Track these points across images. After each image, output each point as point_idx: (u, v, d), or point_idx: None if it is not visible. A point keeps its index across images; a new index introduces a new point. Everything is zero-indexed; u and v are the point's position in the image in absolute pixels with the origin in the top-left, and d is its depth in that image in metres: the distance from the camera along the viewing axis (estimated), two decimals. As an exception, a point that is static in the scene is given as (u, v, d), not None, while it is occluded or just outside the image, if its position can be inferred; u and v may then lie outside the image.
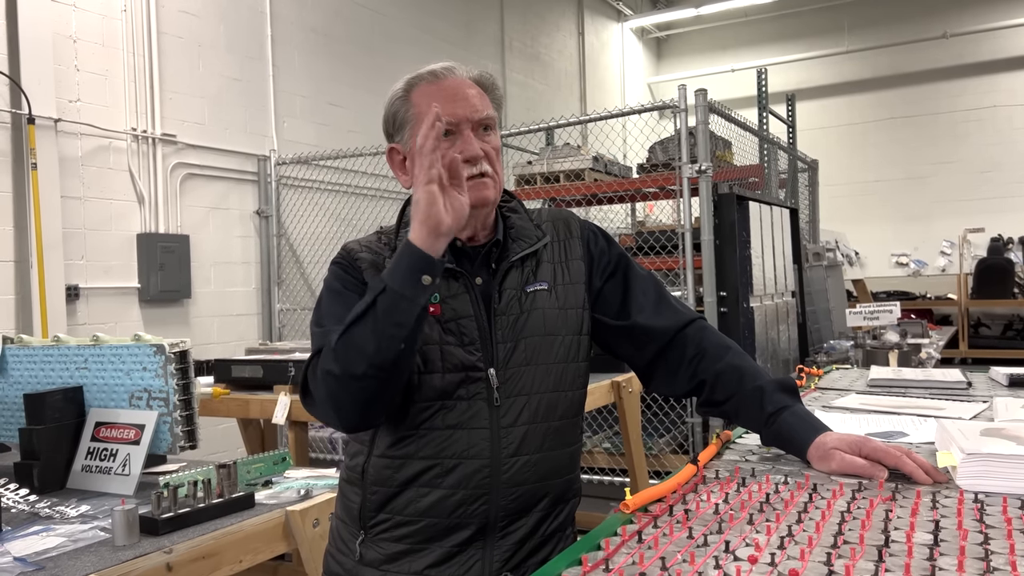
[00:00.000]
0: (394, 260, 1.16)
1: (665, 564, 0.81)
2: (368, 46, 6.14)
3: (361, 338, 1.14)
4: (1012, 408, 1.53)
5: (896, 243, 9.86)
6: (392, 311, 1.13)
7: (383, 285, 1.13)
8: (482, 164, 1.28)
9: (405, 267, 1.13)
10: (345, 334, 1.15)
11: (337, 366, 1.15)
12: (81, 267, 4.12)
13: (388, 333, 1.13)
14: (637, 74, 10.88)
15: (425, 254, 1.12)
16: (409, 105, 1.32)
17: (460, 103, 1.29)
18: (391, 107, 1.35)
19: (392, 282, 1.13)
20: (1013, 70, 9.40)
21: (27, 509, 1.68)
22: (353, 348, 1.14)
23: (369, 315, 1.14)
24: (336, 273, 1.34)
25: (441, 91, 1.30)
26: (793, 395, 1.30)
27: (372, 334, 1.13)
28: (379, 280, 1.16)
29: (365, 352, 1.14)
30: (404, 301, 1.12)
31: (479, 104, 1.30)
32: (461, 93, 1.30)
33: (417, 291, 1.12)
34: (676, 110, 3.96)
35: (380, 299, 1.13)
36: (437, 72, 1.32)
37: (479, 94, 1.32)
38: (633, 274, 1.43)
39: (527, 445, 1.27)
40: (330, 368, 1.16)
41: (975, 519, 0.93)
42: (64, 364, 2.00)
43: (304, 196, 5.34)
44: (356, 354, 1.14)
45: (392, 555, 1.28)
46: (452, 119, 1.27)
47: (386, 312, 1.12)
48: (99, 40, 4.25)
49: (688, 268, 3.93)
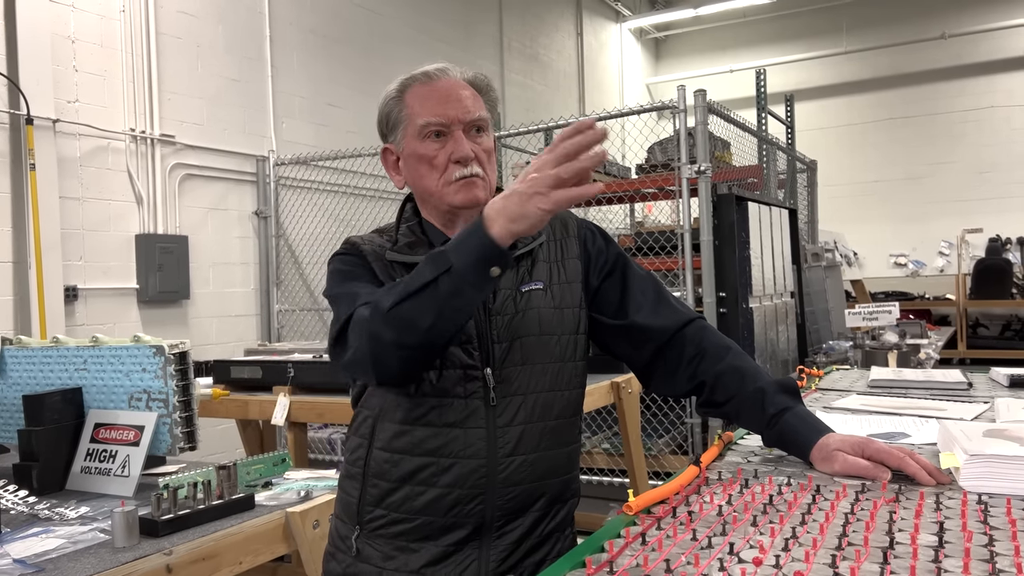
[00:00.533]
0: (463, 239, 1.09)
1: (669, 566, 0.81)
2: (366, 47, 6.13)
3: (419, 312, 1.11)
4: (1014, 409, 1.53)
5: (894, 243, 9.87)
6: (456, 295, 1.09)
7: (449, 264, 1.08)
8: (473, 166, 1.29)
9: (477, 254, 1.07)
10: (401, 304, 1.12)
11: (390, 332, 1.13)
12: (79, 268, 4.11)
13: (448, 314, 1.11)
14: (636, 75, 10.88)
15: (499, 246, 1.06)
16: (403, 106, 1.33)
17: (452, 104, 1.29)
18: (385, 107, 1.36)
19: (460, 265, 1.08)
20: (1011, 71, 9.42)
21: (26, 511, 1.67)
22: (409, 319, 1.12)
23: (429, 291, 1.10)
24: (343, 259, 1.35)
25: (434, 92, 1.31)
26: (794, 396, 1.29)
27: (431, 311, 1.10)
28: (442, 256, 1.10)
29: (420, 327, 1.12)
30: (470, 288, 1.09)
31: (471, 105, 1.31)
32: (454, 94, 1.30)
33: (485, 280, 1.09)
34: (675, 110, 3.96)
35: (444, 279, 1.09)
36: (430, 73, 1.33)
37: (472, 95, 1.32)
38: (632, 273, 1.42)
39: (524, 445, 1.27)
40: (380, 333, 1.14)
41: (979, 521, 0.93)
42: (63, 365, 1.99)
43: (303, 197, 5.34)
44: (411, 326, 1.12)
45: (388, 553, 1.28)
46: (444, 120, 1.28)
47: (450, 294, 1.09)
48: (97, 41, 4.24)
49: (687, 269, 3.93)
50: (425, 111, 1.29)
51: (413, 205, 1.40)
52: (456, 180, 1.28)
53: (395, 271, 1.30)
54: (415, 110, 1.30)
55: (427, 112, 1.29)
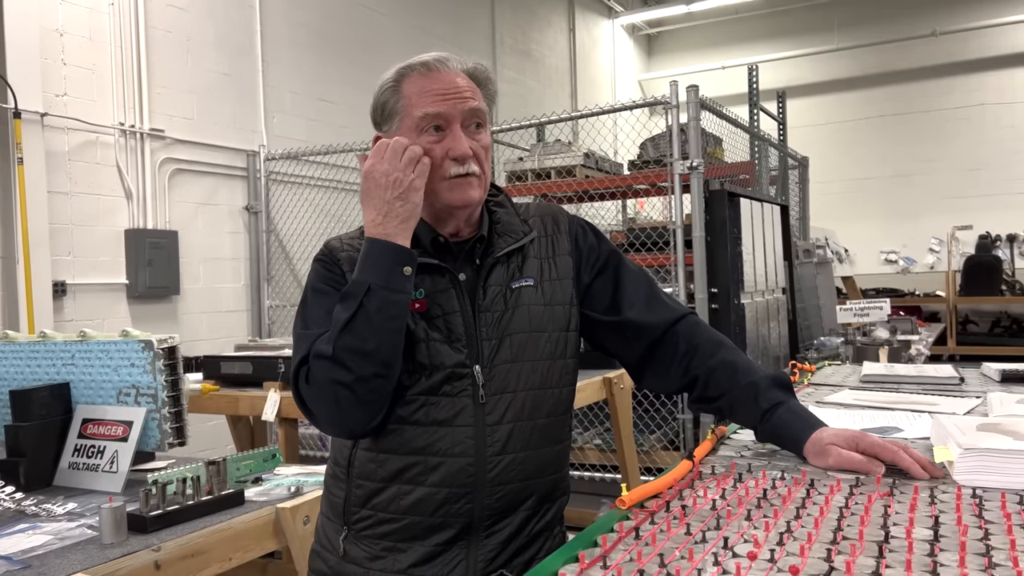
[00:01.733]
0: (365, 259, 1.20)
1: (663, 561, 0.80)
2: (358, 41, 6.11)
3: (360, 340, 1.16)
4: (1007, 403, 1.53)
5: (885, 240, 9.91)
6: (385, 306, 1.17)
7: (366, 285, 1.17)
8: (470, 164, 1.26)
9: (388, 262, 1.18)
10: (338, 340, 1.17)
11: (346, 374, 1.16)
12: (68, 263, 4.08)
13: (386, 328, 1.17)
14: (628, 71, 10.88)
15: (396, 245, 1.19)
16: (399, 96, 1.28)
17: (450, 97, 1.25)
18: (380, 96, 1.31)
19: (376, 280, 1.17)
20: (1001, 68, 9.46)
21: (13, 507, 1.66)
22: (355, 350, 1.16)
23: (360, 317, 1.16)
24: (320, 273, 1.32)
25: (433, 84, 1.26)
26: (787, 391, 1.29)
27: (371, 334, 1.16)
28: (356, 285, 1.18)
29: (366, 351, 1.16)
30: (395, 294, 1.18)
31: (470, 97, 1.27)
32: (452, 86, 1.26)
33: (404, 282, 1.18)
34: (668, 107, 3.95)
35: (368, 297, 1.16)
36: (429, 63, 1.28)
37: (471, 88, 1.28)
38: (624, 270, 1.41)
39: (513, 443, 1.25)
40: (338, 377, 1.16)
41: (974, 514, 0.93)
42: (51, 360, 1.97)
43: (293, 192, 5.31)
44: (360, 357, 1.16)
45: (375, 553, 1.26)
46: (442, 113, 1.24)
47: (379, 309, 1.16)
48: (86, 34, 4.20)
49: (679, 265, 3.93)
50: (423, 103, 1.25)
51: None
52: (451, 177, 1.25)
53: None
54: (412, 101, 1.26)
55: (425, 104, 1.25)
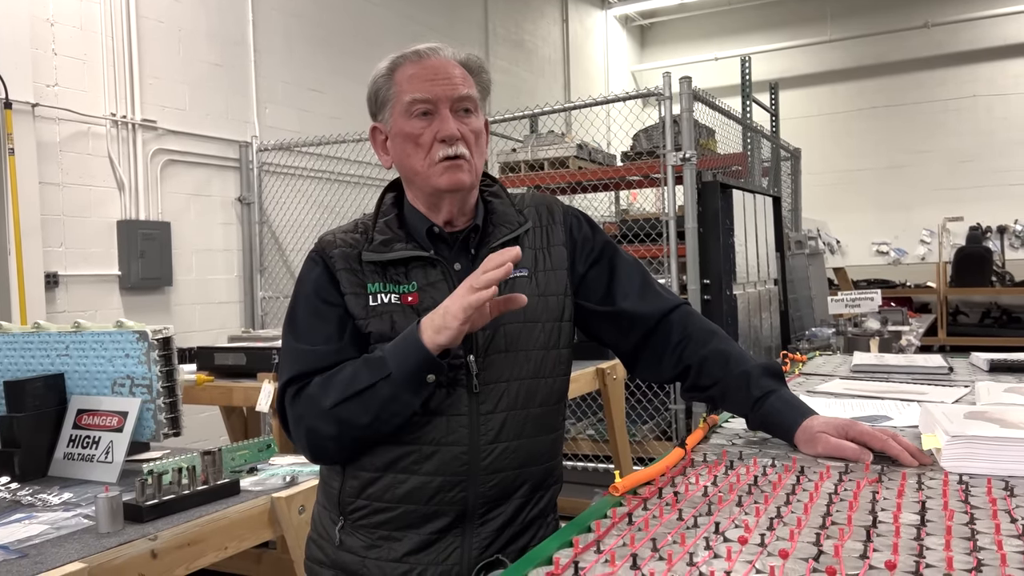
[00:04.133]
0: (400, 346, 1.19)
1: (656, 545, 0.81)
2: (350, 32, 6.08)
3: (357, 413, 1.20)
4: (994, 392, 1.55)
5: (877, 231, 9.94)
6: (394, 400, 1.19)
7: (388, 372, 1.18)
8: (458, 146, 1.26)
9: (414, 363, 1.17)
10: (340, 404, 1.20)
11: (329, 428, 1.22)
12: (60, 254, 4.07)
13: (385, 417, 1.20)
14: (621, 62, 10.86)
15: (434, 357, 1.17)
16: (392, 84, 1.30)
17: (440, 82, 1.27)
18: (374, 85, 1.33)
19: (398, 374, 1.17)
20: (993, 60, 9.48)
21: (8, 497, 1.66)
22: (347, 419, 1.21)
23: (368, 394, 1.19)
24: (312, 281, 1.31)
25: (423, 70, 1.28)
26: (779, 380, 1.30)
27: (370, 413, 1.20)
28: (382, 363, 1.19)
29: (358, 424, 1.21)
30: (407, 394, 1.19)
31: (460, 83, 1.28)
32: (443, 72, 1.28)
33: (420, 386, 1.19)
34: (660, 98, 3.96)
35: (382, 385, 1.18)
36: (421, 52, 1.30)
37: (462, 75, 1.30)
38: (619, 260, 1.42)
39: (507, 432, 1.27)
40: (319, 427, 1.23)
41: (960, 500, 0.94)
42: (45, 351, 1.97)
43: (286, 183, 5.30)
44: (349, 424, 1.21)
45: (371, 542, 1.28)
46: (430, 97, 1.26)
47: (388, 399, 1.19)
48: (77, 24, 4.18)
49: (672, 256, 3.94)
50: (412, 88, 1.27)
51: (394, 196, 1.38)
52: (440, 161, 1.26)
53: (366, 273, 1.28)
54: (403, 87, 1.28)
55: (414, 89, 1.27)
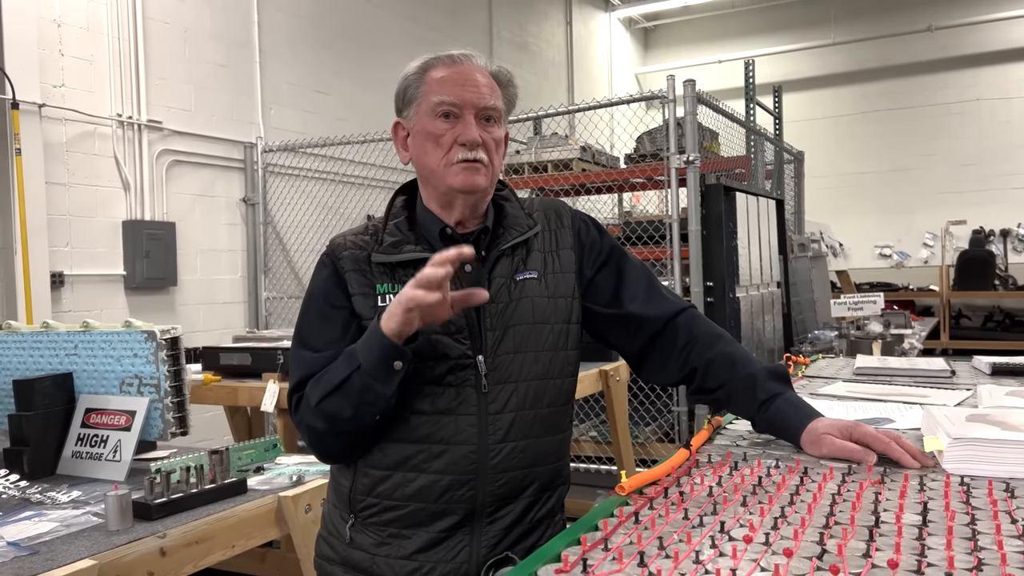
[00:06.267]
0: (367, 339, 1.21)
1: (662, 544, 0.83)
2: (355, 34, 6.10)
3: (338, 407, 1.23)
4: (996, 395, 1.56)
5: (879, 235, 9.94)
6: (366, 391, 1.21)
7: (358, 363, 1.21)
8: (478, 151, 1.28)
9: (378, 353, 1.19)
10: (323, 400, 1.24)
11: (321, 423, 1.26)
12: (66, 254, 4.09)
13: (363, 408, 1.23)
14: (625, 64, 10.87)
15: (395, 344, 1.18)
16: (421, 83, 1.32)
17: (468, 88, 1.30)
18: (404, 82, 1.35)
19: (366, 363, 1.20)
20: (996, 63, 9.48)
21: (18, 495, 1.68)
22: (332, 413, 1.24)
23: (344, 388, 1.22)
24: (322, 287, 1.34)
25: (453, 74, 1.31)
26: (785, 382, 1.32)
27: (349, 406, 1.22)
28: (354, 355, 1.22)
29: (343, 418, 1.24)
30: (377, 384, 1.20)
31: (487, 93, 1.31)
32: (472, 79, 1.31)
33: (388, 375, 1.20)
34: (664, 100, 3.97)
35: (355, 376, 1.21)
36: (455, 56, 1.33)
37: (491, 85, 1.33)
38: (626, 264, 1.44)
39: (515, 432, 1.28)
40: (314, 424, 1.27)
41: (961, 501, 0.96)
42: (53, 350, 1.99)
43: (291, 184, 5.32)
44: (335, 418, 1.25)
45: (381, 540, 1.29)
46: (457, 101, 1.28)
47: (360, 391, 1.21)
48: (84, 24, 4.20)
49: (675, 258, 3.95)
50: (440, 90, 1.30)
51: (404, 199, 1.40)
52: (458, 162, 1.28)
53: (375, 274, 1.30)
54: (431, 88, 1.31)
55: (442, 91, 1.29)
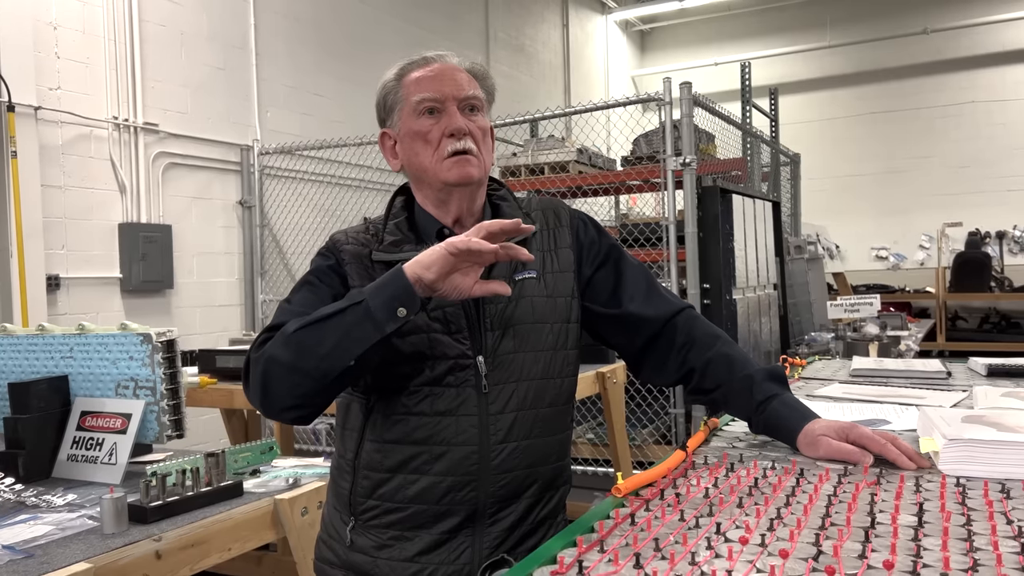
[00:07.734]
0: (381, 281, 1.17)
1: (658, 545, 0.83)
2: (352, 36, 6.10)
3: (318, 338, 1.15)
4: (991, 396, 1.56)
5: (876, 237, 9.96)
6: (358, 326, 1.14)
7: (362, 298, 1.15)
8: (466, 140, 1.30)
9: (390, 292, 1.14)
10: (305, 327, 1.17)
11: (287, 354, 1.17)
12: (62, 257, 4.08)
13: (344, 344, 1.15)
14: (621, 67, 10.89)
15: (412, 288, 1.13)
16: (400, 88, 1.34)
17: (447, 82, 1.32)
18: (383, 91, 1.37)
19: (372, 300, 1.14)
20: (992, 66, 9.50)
21: (12, 498, 1.67)
22: (308, 344, 1.16)
23: (335, 319, 1.15)
24: (318, 265, 1.35)
25: (430, 72, 1.33)
26: (782, 383, 1.32)
27: (330, 338, 1.15)
28: (359, 293, 1.17)
29: (316, 352, 1.15)
30: (372, 322, 1.14)
31: (466, 84, 1.33)
32: (448, 74, 1.33)
33: (388, 318, 1.14)
34: (661, 103, 3.97)
35: (352, 310, 1.15)
36: (428, 57, 1.35)
37: (468, 78, 1.35)
38: (625, 263, 1.44)
39: (516, 432, 1.28)
40: (278, 354, 1.18)
41: (957, 502, 0.96)
42: (49, 353, 1.98)
43: (287, 186, 5.31)
44: (307, 350, 1.16)
45: (382, 542, 1.29)
46: (438, 96, 1.30)
47: (353, 324, 1.14)
48: (80, 27, 4.19)
49: (672, 260, 3.95)
50: (420, 89, 1.32)
51: (404, 199, 1.40)
52: (449, 156, 1.29)
53: (376, 271, 1.29)
54: (410, 89, 1.33)
55: (422, 89, 1.32)
